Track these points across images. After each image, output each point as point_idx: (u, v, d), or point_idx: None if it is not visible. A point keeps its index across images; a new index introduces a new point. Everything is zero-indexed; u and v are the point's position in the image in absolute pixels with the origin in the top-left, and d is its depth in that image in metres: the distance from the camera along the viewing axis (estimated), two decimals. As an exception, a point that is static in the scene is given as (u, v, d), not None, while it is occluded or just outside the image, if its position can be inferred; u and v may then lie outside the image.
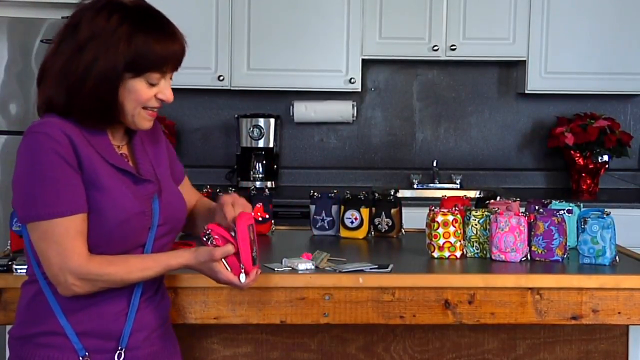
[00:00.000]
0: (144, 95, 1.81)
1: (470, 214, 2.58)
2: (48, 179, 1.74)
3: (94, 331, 1.83)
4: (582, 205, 2.73)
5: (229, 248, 1.83)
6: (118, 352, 1.84)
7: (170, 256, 1.85)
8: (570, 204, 2.71)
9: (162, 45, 1.78)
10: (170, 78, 1.87)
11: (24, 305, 1.88)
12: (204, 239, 1.84)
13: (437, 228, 2.53)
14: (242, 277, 1.84)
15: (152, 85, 1.81)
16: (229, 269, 1.84)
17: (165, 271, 1.86)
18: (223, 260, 1.83)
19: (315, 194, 2.99)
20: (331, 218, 2.94)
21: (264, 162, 4.56)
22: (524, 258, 2.49)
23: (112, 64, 1.75)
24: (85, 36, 1.76)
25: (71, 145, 1.76)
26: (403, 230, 2.94)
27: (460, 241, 2.54)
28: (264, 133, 4.55)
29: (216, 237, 1.83)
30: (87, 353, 1.82)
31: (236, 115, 4.61)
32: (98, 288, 1.80)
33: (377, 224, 2.91)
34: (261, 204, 2.91)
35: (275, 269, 2.30)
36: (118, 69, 1.76)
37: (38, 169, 1.74)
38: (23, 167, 1.76)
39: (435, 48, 4.42)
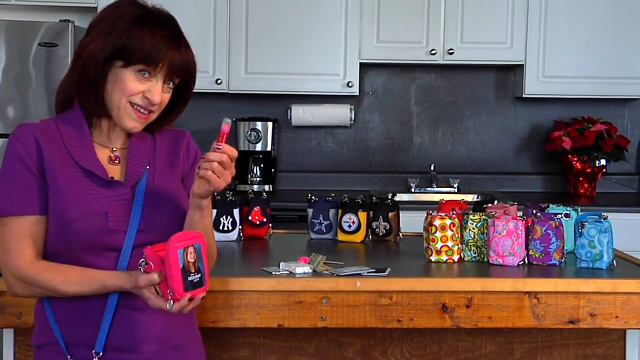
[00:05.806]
0: (130, 86, 1.77)
1: (467, 217, 2.58)
2: (4, 178, 1.78)
3: (79, 342, 1.81)
4: (579, 209, 2.73)
5: (154, 277, 1.68)
6: None
7: (109, 276, 1.76)
8: (568, 208, 2.72)
9: (156, 43, 1.76)
10: (167, 85, 1.82)
11: (35, 314, 1.88)
12: (139, 264, 1.72)
13: (435, 232, 2.53)
14: (169, 304, 1.68)
15: (141, 81, 1.78)
16: (160, 294, 1.71)
17: (103, 290, 1.77)
18: (155, 286, 1.70)
19: (313, 197, 2.99)
20: (329, 222, 2.94)
21: (262, 165, 4.56)
22: (522, 262, 2.49)
23: (101, 46, 1.76)
24: (92, 24, 1.82)
25: (37, 149, 1.77)
26: (400, 234, 2.94)
27: (457, 245, 2.54)
28: (262, 137, 4.55)
29: (149, 263, 1.70)
30: None
31: (234, 119, 4.61)
32: (38, 293, 1.80)
33: (374, 227, 2.90)
34: (259, 207, 2.91)
35: (273, 273, 2.31)
36: (105, 52, 1.76)
37: (2, 170, 1.79)
38: None
39: (433, 52, 4.43)
